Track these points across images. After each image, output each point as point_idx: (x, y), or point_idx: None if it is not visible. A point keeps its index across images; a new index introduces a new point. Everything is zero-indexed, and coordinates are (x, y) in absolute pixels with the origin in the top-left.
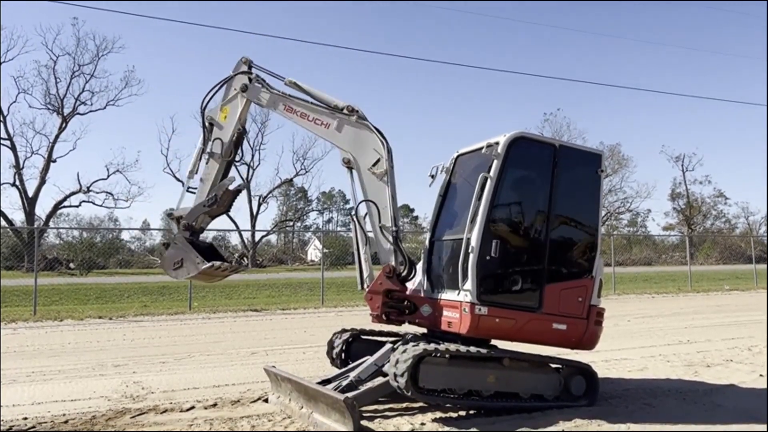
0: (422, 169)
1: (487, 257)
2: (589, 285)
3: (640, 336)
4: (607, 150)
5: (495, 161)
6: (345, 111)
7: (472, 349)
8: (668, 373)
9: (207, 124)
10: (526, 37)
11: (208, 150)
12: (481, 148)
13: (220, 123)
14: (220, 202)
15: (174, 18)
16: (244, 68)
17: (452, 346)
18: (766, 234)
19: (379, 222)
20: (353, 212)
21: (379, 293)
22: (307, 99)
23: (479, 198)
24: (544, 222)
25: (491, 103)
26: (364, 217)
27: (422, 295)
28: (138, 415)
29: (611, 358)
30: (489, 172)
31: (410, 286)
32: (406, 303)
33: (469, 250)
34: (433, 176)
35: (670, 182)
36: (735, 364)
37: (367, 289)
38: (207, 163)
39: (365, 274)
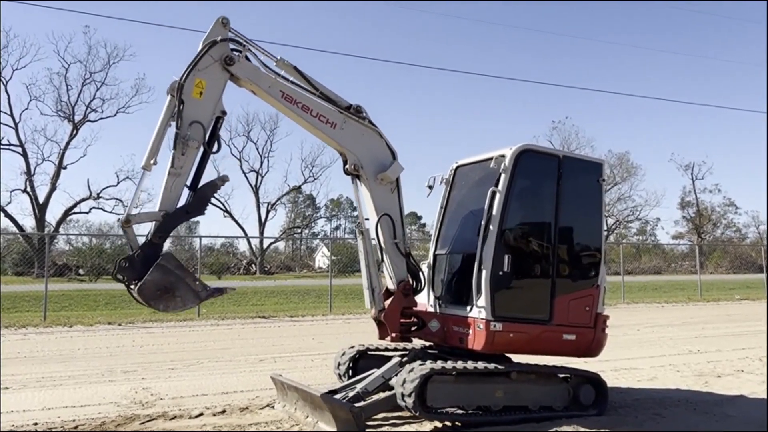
0: (430, 175)
1: (500, 272)
2: (595, 294)
3: (649, 345)
4: (615, 158)
5: (503, 175)
6: (351, 111)
7: (480, 365)
8: (678, 383)
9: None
10: (535, 45)
11: (183, 135)
12: (484, 160)
13: (193, 99)
14: (201, 201)
15: (184, 26)
16: (224, 33)
17: (459, 363)
18: (767, 243)
19: (394, 237)
20: (359, 226)
21: (397, 313)
22: (307, 89)
23: (489, 212)
24: (552, 234)
25: (500, 111)
26: (376, 230)
27: (429, 309)
28: (147, 421)
29: (620, 367)
30: (497, 186)
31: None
32: (413, 319)
33: (482, 267)
34: (431, 187)
35: (679, 190)
36: (746, 374)
37: (378, 308)
38: (183, 153)
39: (376, 292)
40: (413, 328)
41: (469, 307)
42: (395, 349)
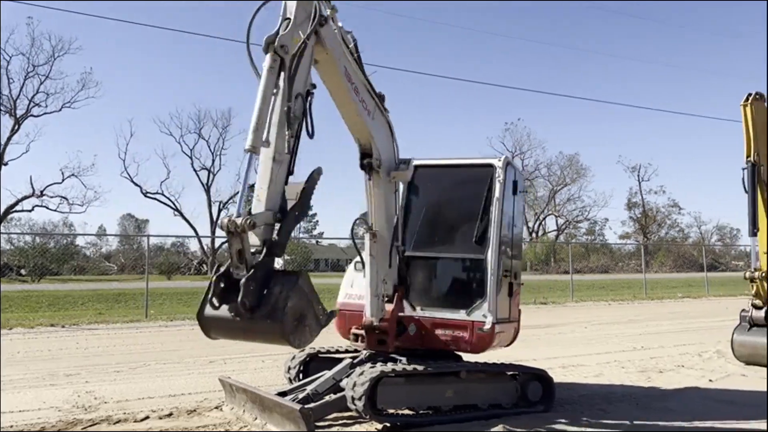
0: None
1: (499, 276)
2: (519, 291)
3: (596, 342)
4: (566, 159)
5: (498, 184)
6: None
7: (431, 365)
8: (623, 378)
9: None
10: (487, 47)
11: (294, 109)
12: (458, 166)
13: (299, 64)
14: (305, 199)
15: (133, 20)
16: None
17: (410, 365)
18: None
19: (396, 240)
20: (370, 227)
21: (396, 319)
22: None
23: (489, 219)
24: (513, 238)
25: (452, 112)
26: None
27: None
28: (90, 426)
29: (568, 364)
30: (495, 193)
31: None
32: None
33: (489, 272)
34: None
35: (626, 192)
36: (686, 369)
37: (380, 316)
38: (293, 134)
39: (380, 299)
40: (395, 334)
41: (465, 311)
42: (346, 351)
